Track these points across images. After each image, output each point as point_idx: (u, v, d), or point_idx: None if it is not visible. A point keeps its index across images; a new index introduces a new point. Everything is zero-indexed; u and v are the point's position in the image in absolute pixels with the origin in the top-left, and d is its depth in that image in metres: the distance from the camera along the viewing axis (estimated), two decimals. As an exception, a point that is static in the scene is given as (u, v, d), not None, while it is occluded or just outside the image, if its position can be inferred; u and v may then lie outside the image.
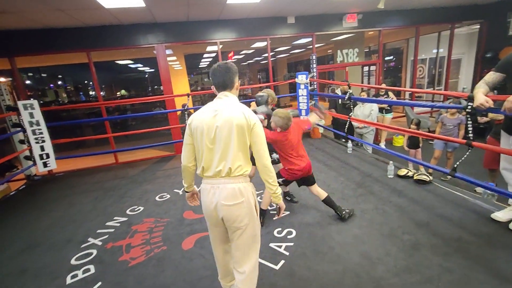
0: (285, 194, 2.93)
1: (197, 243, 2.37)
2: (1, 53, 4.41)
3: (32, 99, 4.12)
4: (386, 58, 11.60)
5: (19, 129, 4.18)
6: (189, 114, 4.77)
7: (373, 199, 2.83)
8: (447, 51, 6.93)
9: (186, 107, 4.73)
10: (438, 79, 8.58)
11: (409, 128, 4.35)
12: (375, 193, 2.96)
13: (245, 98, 14.44)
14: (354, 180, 3.31)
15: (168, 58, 5.63)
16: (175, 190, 3.55)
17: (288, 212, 2.71)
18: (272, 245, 2.24)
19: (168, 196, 3.40)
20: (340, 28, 5.82)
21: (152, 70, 14.76)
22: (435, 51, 8.34)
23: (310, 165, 2.46)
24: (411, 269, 1.84)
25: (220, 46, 5.43)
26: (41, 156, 4.16)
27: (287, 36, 5.66)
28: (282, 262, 2.03)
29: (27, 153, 4.33)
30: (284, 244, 2.23)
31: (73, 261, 2.28)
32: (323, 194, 2.48)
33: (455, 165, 2.59)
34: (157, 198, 3.35)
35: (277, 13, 5.17)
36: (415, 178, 3.11)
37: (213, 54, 10.09)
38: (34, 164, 4.23)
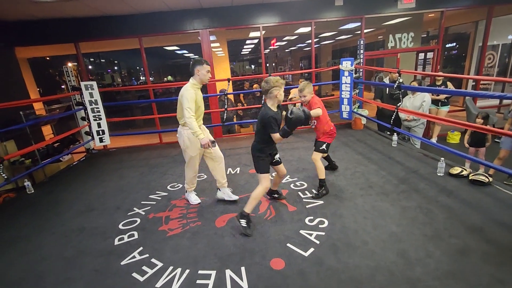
0: (271, 192, 2.77)
1: (229, 222, 2.46)
2: (68, 38, 5.00)
3: (92, 82, 4.62)
4: (447, 45, 10.28)
5: (81, 107, 4.74)
6: (228, 99, 4.87)
7: (417, 197, 2.61)
8: (527, 35, 5.88)
9: (226, 91, 4.83)
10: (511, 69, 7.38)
11: (474, 122, 3.81)
12: (420, 190, 2.72)
13: (286, 85, 14.21)
14: (397, 176, 3.08)
15: (212, 45, 5.76)
16: (212, 171, 3.71)
17: (321, 202, 2.65)
18: (302, 232, 2.22)
19: (205, 176, 3.56)
20: (395, 10, 5.29)
21: (196, 56, 15.23)
22: (511, 36, 7.14)
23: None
24: (456, 275, 1.67)
25: (263, 32, 5.37)
26: (98, 132, 4.68)
27: (333, 20, 5.34)
28: (312, 250, 2.00)
29: (87, 129, 4.90)
30: (315, 233, 2.19)
31: (120, 226, 2.56)
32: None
33: (524, 167, 2.24)
34: (195, 177, 3.54)
35: (324, -5, 4.89)
36: (470, 178, 2.77)
37: (255, 41, 10.03)
38: (92, 139, 4.78)
